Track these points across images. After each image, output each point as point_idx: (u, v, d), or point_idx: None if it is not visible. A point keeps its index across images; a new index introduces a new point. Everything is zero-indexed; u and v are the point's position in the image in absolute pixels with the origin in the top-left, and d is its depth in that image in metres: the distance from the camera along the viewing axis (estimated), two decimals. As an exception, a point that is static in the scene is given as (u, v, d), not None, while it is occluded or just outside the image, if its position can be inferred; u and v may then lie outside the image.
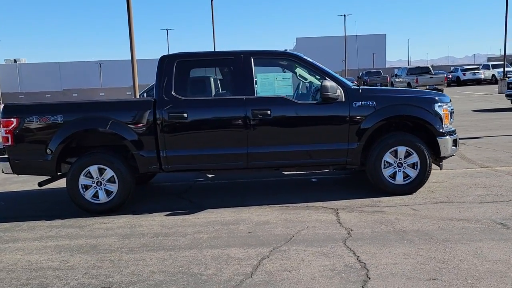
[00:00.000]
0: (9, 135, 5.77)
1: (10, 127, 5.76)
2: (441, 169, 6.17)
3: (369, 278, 3.54)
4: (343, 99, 5.79)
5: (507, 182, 6.31)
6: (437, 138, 5.89)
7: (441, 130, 5.90)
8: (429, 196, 5.83)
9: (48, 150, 5.78)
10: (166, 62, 5.89)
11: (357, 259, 3.93)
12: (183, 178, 7.64)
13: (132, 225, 5.31)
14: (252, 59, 5.89)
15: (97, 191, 5.84)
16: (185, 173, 6.65)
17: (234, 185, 7.20)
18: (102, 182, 5.83)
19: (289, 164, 6.01)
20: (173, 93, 5.80)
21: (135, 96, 12.57)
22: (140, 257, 4.27)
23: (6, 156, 5.88)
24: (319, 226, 4.87)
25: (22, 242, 4.90)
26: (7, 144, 5.81)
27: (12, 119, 5.75)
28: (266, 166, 6.00)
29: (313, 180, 7.28)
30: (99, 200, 5.85)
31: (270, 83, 5.93)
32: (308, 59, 6.04)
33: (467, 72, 41.68)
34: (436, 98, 6.04)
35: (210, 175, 7.89)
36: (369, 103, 5.82)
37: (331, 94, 5.65)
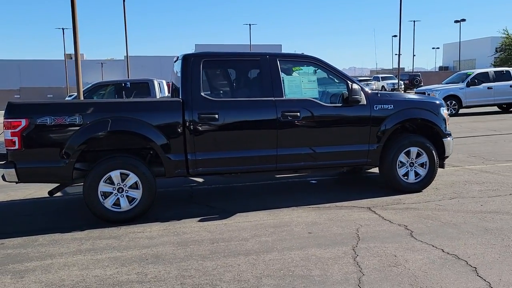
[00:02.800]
0: (15, 138, 5.08)
1: (18, 129, 5.08)
2: (443, 168, 6.70)
3: (475, 267, 3.78)
4: (365, 102, 6.04)
5: (490, 178, 7.05)
6: (443, 139, 6.41)
7: (446, 132, 6.43)
8: (438, 193, 6.31)
9: (63, 155, 5.19)
10: (192, 62, 5.64)
11: (443, 251, 4.16)
12: (175, 184, 7.31)
13: (174, 232, 4.99)
14: (278, 61, 5.89)
15: (118, 198, 5.38)
16: (173, 178, 6.24)
17: (236, 188, 7.08)
18: (124, 188, 5.39)
19: (315, 166, 6.09)
20: (202, 93, 5.57)
21: (79, 97, 11.64)
22: (223, 263, 4.05)
23: (11, 161, 5.16)
24: (371, 224, 5.03)
25: (62, 257, 4.35)
26: (12, 148, 5.11)
27: (20, 120, 5.08)
28: (294, 167, 6.02)
29: (313, 182, 7.43)
30: (120, 208, 5.39)
31: (297, 85, 5.99)
32: (329, 63, 6.20)
33: (360, 83, 44.99)
34: (442, 102, 6.57)
35: (200, 180, 7.67)
36: (388, 107, 6.15)
37: (359, 97, 5.87)
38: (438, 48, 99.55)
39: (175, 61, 6.54)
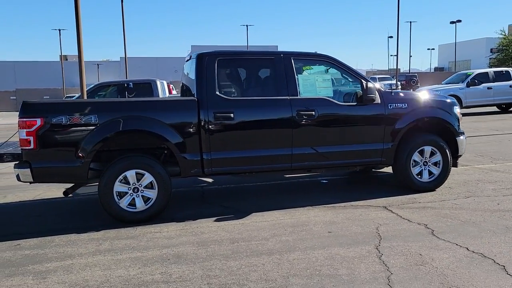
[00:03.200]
0: (31, 137, 5.02)
1: (33, 128, 5.01)
2: (456, 166, 6.68)
3: (503, 265, 3.75)
4: (379, 101, 6.02)
5: (502, 177, 7.04)
6: (456, 138, 6.40)
7: (459, 131, 6.42)
8: (452, 192, 6.29)
9: (79, 155, 5.13)
10: (206, 61, 5.60)
11: (467, 249, 4.14)
12: (185, 184, 7.25)
13: (192, 232, 4.94)
14: (292, 60, 5.86)
15: (133, 198, 5.33)
16: (183, 179, 6.15)
17: (247, 188, 7.04)
18: (140, 188, 5.34)
19: (329, 165, 6.06)
20: (217, 92, 5.53)
21: (82, 98, 11.56)
22: (247, 263, 4.01)
23: (26, 161, 5.09)
24: (390, 223, 5.00)
25: (82, 258, 4.29)
26: (27, 148, 5.04)
27: (35, 119, 5.01)
28: (309, 167, 5.99)
29: (324, 181, 7.40)
30: (135, 208, 5.33)
31: (312, 84, 5.95)
32: (342, 61, 6.17)
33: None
34: (455, 101, 6.56)
35: (210, 180, 7.63)
36: (402, 105, 6.13)
37: (374, 96, 5.85)
38: (433, 49, 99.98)
39: (187, 61, 6.50)
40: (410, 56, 75.40)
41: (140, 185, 5.33)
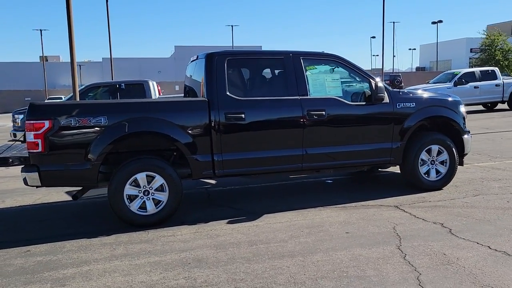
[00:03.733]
0: (39, 140, 4.87)
1: (41, 131, 4.86)
2: (462, 165, 6.71)
3: (531, 263, 3.76)
4: (388, 101, 6.01)
5: (504, 175, 7.11)
6: (462, 136, 6.43)
7: (465, 129, 6.46)
8: (459, 190, 6.32)
9: (88, 157, 5.01)
10: (216, 61, 5.52)
11: (489, 248, 4.14)
12: (189, 186, 7.15)
13: (207, 235, 4.85)
14: (301, 60, 5.82)
15: (144, 201, 5.21)
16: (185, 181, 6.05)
17: (253, 190, 6.98)
18: (150, 191, 5.23)
19: (339, 165, 6.03)
20: (227, 93, 5.45)
21: (75, 99, 11.33)
22: (271, 266, 3.95)
23: (34, 164, 4.94)
24: (406, 222, 4.99)
25: (99, 263, 4.17)
26: (35, 151, 4.90)
27: (43, 121, 4.87)
28: (319, 167, 5.95)
29: (329, 181, 7.38)
30: (146, 212, 5.22)
31: (321, 84, 5.92)
32: (350, 61, 6.15)
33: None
34: (460, 100, 6.59)
35: (213, 181, 7.53)
36: (410, 104, 6.14)
37: (383, 95, 5.84)
38: (414, 49, 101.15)
39: (192, 62, 6.41)
40: (394, 56, 75.78)
41: (150, 188, 5.22)
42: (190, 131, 5.30)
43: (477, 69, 20.70)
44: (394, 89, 6.31)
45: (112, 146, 5.07)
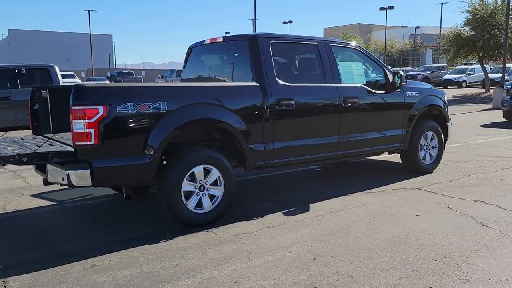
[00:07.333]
0: (91, 130, 4.01)
1: (94, 119, 4.01)
2: (444, 149, 7.37)
3: None
4: (399, 90, 6.34)
5: (470, 156, 8.04)
6: (447, 123, 7.11)
7: (448, 117, 7.15)
8: (449, 171, 6.98)
9: (147, 150, 4.30)
10: (262, 43, 5.17)
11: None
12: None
13: (285, 228, 4.54)
14: (332, 47, 5.80)
15: (200, 198, 4.68)
16: None
17: (257, 180, 6.71)
18: (206, 186, 4.71)
19: (363, 152, 6.16)
20: (276, 78, 5.17)
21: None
22: (404, 251, 3.90)
23: (83, 160, 4.05)
24: (453, 202, 5.34)
25: (207, 270, 3.62)
26: (86, 143, 4.02)
27: (97, 107, 4.02)
28: (350, 154, 6.01)
29: (318, 169, 7.48)
30: (202, 209, 4.69)
31: (350, 71, 5.97)
32: (367, 51, 6.32)
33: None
34: (443, 90, 7.25)
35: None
36: (415, 93, 6.56)
37: (405, 83, 6.15)
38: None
39: (208, 44, 5.90)
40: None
41: (206, 183, 4.69)
42: (245, 118, 4.88)
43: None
44: (401, 79, 6.64)
45: (173, 136, 4.42)
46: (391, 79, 6.14)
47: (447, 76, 37.48)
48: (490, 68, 33.86)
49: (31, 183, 6.70)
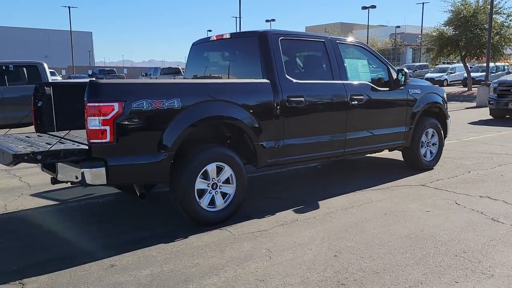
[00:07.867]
0: (107, 127, 3.92)
1: (110, 116, 3.93)
2: (443, 146, 7.45)
3: None
4: (403, 87, 6.38)
5: (468, 153, 8.15)
6: (446, 120, 7.19)
7: (447, 114, 7.23)
8: (449, 168, 7.06)
9: (162, 147, 4.23)
10: (271, 39, 5.14)
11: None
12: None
13: (300, 225, 4.52)
14: (338, 44, 5.80)
15: (213, 196, 4.63)
16: None
17: (260, 178, 6.68)
18: (218, 184, 4.66)
19: (367, 150, 6.18)
20: (286, 75, 5.14)
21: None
22: (426, 246, 3.92)
23: (98, 158, 3.96)
24: (460, 198, 5.40)
25: (230, 269, 3.58)
26: (102, 140, 3.93)
27: (113, 104, 3.94)
28: (356, 152, 6.01)
29: (319, 167, 7.49)
30: (215, 208, 4.64)
31: (355, 69, 5.98)
32: (372, 49, 6.34)
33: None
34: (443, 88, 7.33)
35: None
36: (417, 91, 6.62)
37: (409, 80, 6.18)
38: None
39: (207, 42, 5.84)
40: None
41: (219, 180, 4.64)
42: (257, 115, 4.85)
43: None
44: (403, 77, 6.68)
45: (188, 133, 4.36)
46: (394, 76, 6.17)
47: (428, 75, 37.97)
48: (470, 67, 34.46)
49: (28, 182, 6.54)
